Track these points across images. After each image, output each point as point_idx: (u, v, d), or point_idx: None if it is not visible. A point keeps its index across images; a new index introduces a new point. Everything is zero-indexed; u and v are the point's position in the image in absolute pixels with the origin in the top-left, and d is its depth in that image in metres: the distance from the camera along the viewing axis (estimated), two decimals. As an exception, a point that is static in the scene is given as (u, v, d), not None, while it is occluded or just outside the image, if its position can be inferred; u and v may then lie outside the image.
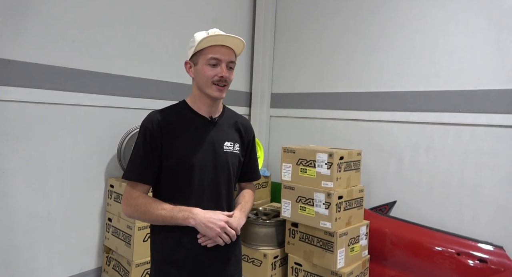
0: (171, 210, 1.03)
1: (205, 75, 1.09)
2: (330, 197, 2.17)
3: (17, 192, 2.05)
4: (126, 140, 2.42)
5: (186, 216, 1.01)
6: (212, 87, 1.10)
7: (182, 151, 1.10)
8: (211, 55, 1.08)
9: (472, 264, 2.16)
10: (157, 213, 1.03)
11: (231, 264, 1.18)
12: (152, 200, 1.06)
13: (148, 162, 1.09)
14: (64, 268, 2.27)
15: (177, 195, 1.10)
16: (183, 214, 1.02)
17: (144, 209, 1.04)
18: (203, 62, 1.09)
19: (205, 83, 1.10)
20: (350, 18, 3.00)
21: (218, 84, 1.10)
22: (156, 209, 1.03)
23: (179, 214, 1.02)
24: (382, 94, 2.79)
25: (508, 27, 2.26)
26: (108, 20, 2.41)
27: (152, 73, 2.68)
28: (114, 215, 2.33)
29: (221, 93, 1.12)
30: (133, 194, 1.08)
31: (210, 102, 1.14)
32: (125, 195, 1.10)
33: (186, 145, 1.10)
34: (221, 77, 1.09)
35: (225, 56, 1.10)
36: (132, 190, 1.09)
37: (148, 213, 1.04)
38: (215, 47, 1.09)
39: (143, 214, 1.05)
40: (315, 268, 2.26)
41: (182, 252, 1.09)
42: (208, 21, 3.06)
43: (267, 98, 3.49)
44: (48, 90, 2.13)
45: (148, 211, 1.04)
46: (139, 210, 1.05)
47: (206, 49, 1.09)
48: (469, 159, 2.40)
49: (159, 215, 1.03)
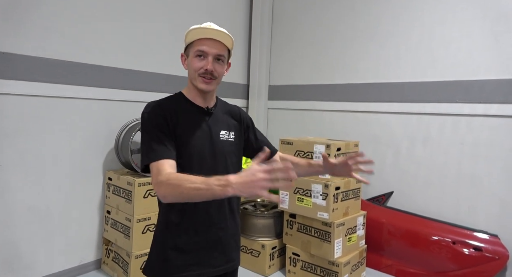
0: (207, 182, 0.92)
1: (192, 67, 1.13)
2: (327, 188, 2.18)
3: (15, 186, 2.06)
4: (123, 133, 2.41)
5: (223, 184, 0.89)
6: (198, 79, 1.13)
7: (182, 139, 1.11)
8: (197, 47, 1.11)
9: (468, 253, 2.19)
10: (192, 186, 0.93)
11: (233, 249, 1.20)
12: (183, 174, 0.98)
13: (166, 142, 1.06)
14: (64, 260, 2.29)
15: None
16: (219, 183, 0.90)
17: (177, 183, 0.96)
18: (192, 55, 1.13)
19: (193, 75, 1.14)
20: (347, 9, 2.98)
21: (204, 77, 1.12)
22: (190, 182, 0.93)
23: (216, 183, 0.90)
24: (379, 85, 2.79)
25: (504, 18, 2.26)
26: (104, 12, 2.39)
27: (148, 66, 2.67)
28: (112, 207, 2.34)
29: (207, 85, 1.13)
30: (162, 170, 1.00)
31: (201, 94, 1.17)
32: (153, 175, 1.03)
33: (186, 134, 1.12)
34: (206, 70, 1.11)
35: (212, 49, 1.11)
36: (160, 167, 1.02)
37: (182, 187, 0.94)
38: (203, 40, 1.11)
39: (176, 188, 0.96)
40: (313, 258, 2.29)
41: (184, 238, 1.11)
42: (204, 13, 3.04)
43: (265, 90, 3.48)
44: (44, 83, 2.12)
45: (182, 185, 0.95)
46: (172, 184, 0.97)
47: (195, 42, 1.12)
48: (465, 150, 2.41)
49: (194, 188, 0.93)
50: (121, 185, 2.26)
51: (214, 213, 1.15)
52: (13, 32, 2.00)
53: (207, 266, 1.13)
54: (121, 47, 2.50)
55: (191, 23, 1.17)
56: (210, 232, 1.14)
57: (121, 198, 2.26)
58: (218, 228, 1.16)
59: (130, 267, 2.16)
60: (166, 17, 2.77)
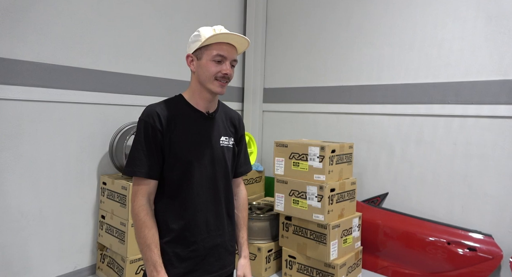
0: (147, 254, 1.05)
1: (209, 70, 1.11)
2: (322, 190, 2.19)
3: (9, 190, 2.04)
4: (117, 137, 2.40)
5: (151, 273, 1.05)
6: (214, 83, 1.12)
7: (180, 146, 1.10)
8: (217, 52, 1.10)
9: (462, 253, 2.21)
10: (140, 241, 1.06)
11: (229, 254, 1.21)
12: (149, 225, 1.07)
13: (153, 157, 1.08)
14: (58, 266, 2.27)
15: (177, 190, 1.11)
16: (151, 270, 1.05)
17: (137, 224, 1.07)
18: (208, 58, 1.11)
19: (208, 78, 1.12)
20: (341, 11, 3.01)
21: (221, 81, 1.12)
22: (141, 238, 1.06)
23: (150, 265, 1.05)
24: (373, 87, 2.81)
25: (496, 18, 2.29)
26: (99, 17, 2.39)
27: (143, 70, 2.66)
28: (107, 212, 2.33)
29: (222, 89, 1.14)
30: (137, 196, 1.08)
31: (209, 97, 1.16)
32: (132, 190, 1.11)
33: (184, 140, 1.11)
34: (225, 74, 1.12)
35: (230, 54, 1.12)
36: (137, 191, 1.09)
37: (137, 232, 1.07)
38: (222, 44, 1.11)
39: (135, 227, 1.08)
40: (309, 260, 2.29)
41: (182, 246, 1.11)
42: (198, 16, 3.04)
43: (260, 93, 3.49)
44: (38, 87, 2.12)
45: (137, 232, 1.07)
46: (135, 220, 1.08)
47: (213, 45, 1.11)
48: (458, 150, 2.44)
49: (140, 243, 1.06)
50: (116, 190, 2.25)
51: (213, 221, 1.15)
52: (7, 37, 2.00)
53: (203, 272, 1.13)
54: (116, 51, 2.50)
55: (186, 26, 1.17)
56: (208, 239, 1.14)
57: (115, 202, 2.25)
58: (216, 235, 1.16)
59: (125, 272, 2.14)
60: (161, 20, 2.77)
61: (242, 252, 1.25)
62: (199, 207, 1.12)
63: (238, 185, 1.32)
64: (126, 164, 1.11)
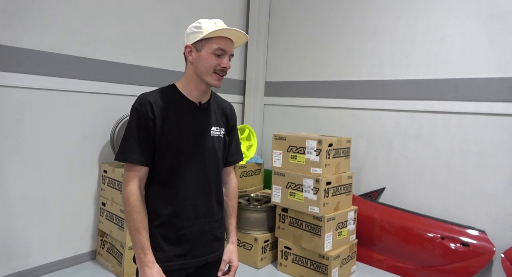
0: (136, 237, 1.09)
1: (209, 63, 1.13)
2: (318, 183, 2.22)
3: (12, 176, 2.09)
4: (119, 126, 2.45)
5: (140, 259, 1.10)
6: (213, 76, 1.15)
7: (171, 135, 1.13)
8: (218, 45, 1.13)
9: (455, 248, 2.23)
10: (129, 224, 1.10)
11: (217, 239, 1.24)
12: (139, 210, 1.10)
13: (144, 144, 1.11)
14: (59, 250, 2.33)
15: (167, 177, 1.14)
16: (139, 253, 1.10)
17: (127, 209, 1.10)
18: (209, 51, 1.13)
19: (206, 71, 1.14)
20: (344, 6, 3.00)
21: (219, 74, 1.16)
22: (131, 221, 1.09)
23: (138, 248, 1.10)
24: (374, 83, 2.82)
25: (497, 16, 2.28)
26: (103, 7, 2.42)
27: (146, 61, 2.69)
28: (107, 199, 2.38)
29: (219, 82, 1.17)
30: (128, 182, 1.11)
31: (204, 89, 1.18)
32: (124, 176, 1.13)
33: (174, 129, 1.14)
34: (224, 68, 1.15)
35: (229, 48, 1.16)
36: (128, 177, 1.12)
37: (127, 216, 1.11)
38: (222, 38, 1.14)
39: (126, 212, 1.11)
40: (304, 251, 2.33)
41: (170, 231, 1.14)
42: (201, 8, 3.05)
43: (261, 86, 3.51)
44: (43, 76, 2.15)
45: (127, 216, 1.10)
46: (125, 205, 1.11)
47: (214, 39, 1.13)
48: (456, 147, 2.45)
49: (130, 227, 1.10)
50: (116, 178, 2.30)
51: (202, 208, 1.18)
52: (12, 25, 2.03)
53: (190, 256, 1.17)
54: (120, 41, 2.53)
55: (189, 17, 1.19)
56: (197, 226, 1.17)
57: (116, 190, 2.30)
58: (204, 221, 1.19)
59: (124, 258, 2.20)
60: (164, 12, 2.79)
61: (230, 238, 1.29)
62: (188, 194, 1.15)
63: (229, 173, 1.35)
64: (118, 151, 1.14)
